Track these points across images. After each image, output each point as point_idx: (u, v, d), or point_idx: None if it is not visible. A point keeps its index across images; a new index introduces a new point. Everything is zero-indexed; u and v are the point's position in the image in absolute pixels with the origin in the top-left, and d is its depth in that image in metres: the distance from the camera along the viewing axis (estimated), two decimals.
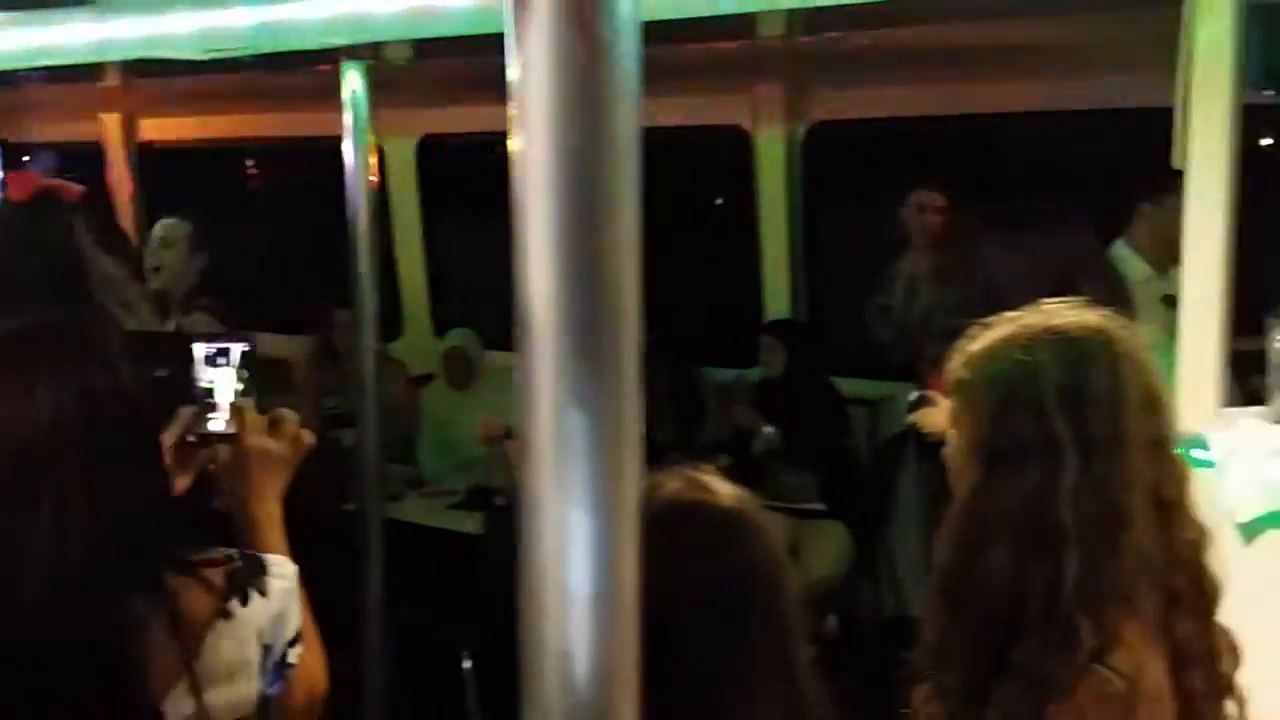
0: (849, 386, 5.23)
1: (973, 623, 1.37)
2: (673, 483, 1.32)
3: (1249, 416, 2.90)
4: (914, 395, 3.30)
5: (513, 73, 0.91)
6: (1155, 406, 1.42)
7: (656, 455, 1.48)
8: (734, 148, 5.56)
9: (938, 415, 2.43)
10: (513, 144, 0.91)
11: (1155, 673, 1.37)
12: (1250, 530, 2.71)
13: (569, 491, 0.94)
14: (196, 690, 1.38)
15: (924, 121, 5.33)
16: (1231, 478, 2.75)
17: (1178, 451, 1.50)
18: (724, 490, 1.31)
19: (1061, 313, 1.47)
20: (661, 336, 5.39)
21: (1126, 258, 3.82)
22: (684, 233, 6.21)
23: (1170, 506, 1.40)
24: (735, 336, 5.76)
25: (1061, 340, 1.42)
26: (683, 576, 1.21)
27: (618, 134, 0.91)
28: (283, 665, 1.54)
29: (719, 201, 6.05)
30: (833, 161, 5.59)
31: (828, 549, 5.03)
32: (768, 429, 5.04)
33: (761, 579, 1.25)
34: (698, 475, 1.34)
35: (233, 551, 1.54)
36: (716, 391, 5.52)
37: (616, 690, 0.98)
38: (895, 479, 4.97)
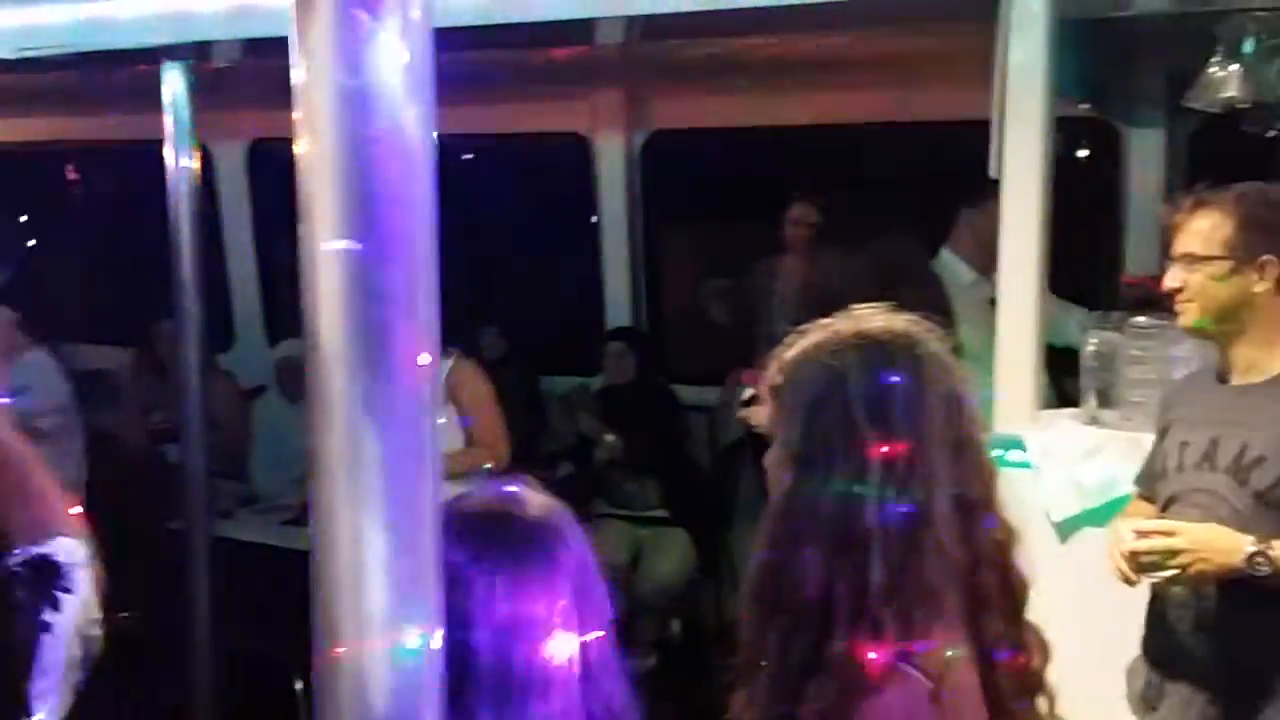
0: (689, 394, 5.28)
1: (786, 624, 1.38)
2: (481, 495, 1.30)
3: (1064, 418, 3.02)
4: (748, 392, 3.33)
5: (297, 74, 0.88)
6: (959, 408, 1.44)
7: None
8: (575, 155, 5.55)
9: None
10: (297, 148, 0.88)
11: (963, 671, 1.40)
12: (1065, 529, 2.81)
13: (362, 507, 0.91)
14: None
15: (764, 131, 5.41)
16: (1047, 478, 2.85)
17: (987, 452, 1.53)
18: (536, 501, 1.30)
19: (869, 318, 1.49)
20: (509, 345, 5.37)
21: (951, 263, 3.94)
22: (525, 240, 6.17)
23: (974, 507, 1.43)
24: (576, 344, 5.75)
25: (867, 345, 1.44)
26: (486, 590, 1.18)
27: (406, 137, 0.88)
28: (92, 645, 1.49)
29: (561, 209, 6.03)
30: (673, 169, 5.62)
31: (671, 555, 5.06)
32: (610, 437, 5.04)
33: (568, 590, 1.23)
34: (510, 487, 1.32)
35: (17, 560, 1.45)
36: (558, 400, 5.50)
37: (417, 710, 0.95)
38: (736, 484, 5.03)
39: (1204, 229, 2.36)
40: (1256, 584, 2.16)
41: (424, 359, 0.91)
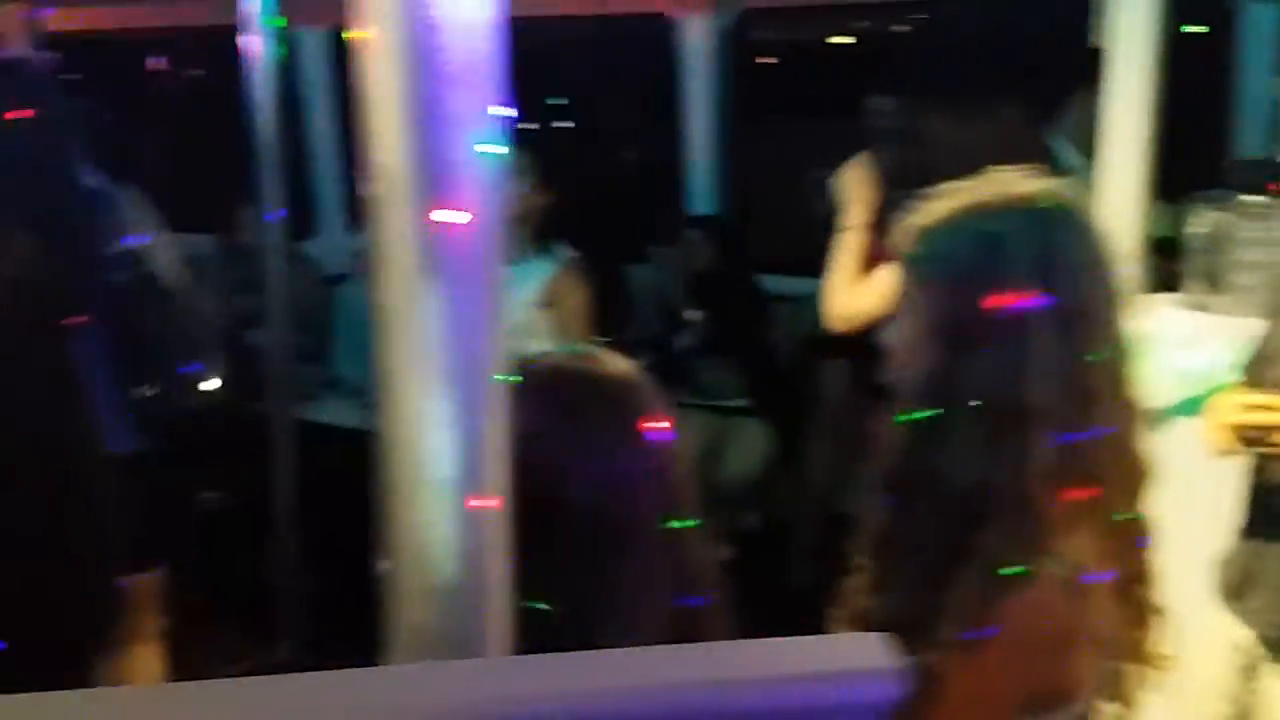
0: (770, 283, 5.19)
1: (928, 511, 1.27)
2: (558, 356, 1.26)
3: (1165, 304, 2.89)
4: None
5: None
6: (1107, 275, 1.34)
7: None
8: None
9: None
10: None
11: (1102, 557, 1.31)
12: (1163, 419, 2.70)
13: (426, 372, 0.87)
14: None
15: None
16: (1148, 366, 2.74)
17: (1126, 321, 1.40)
18: (614, 360, 1.24)
19: (1022, 181, 1.35)
20: (589, 240, 5.29)
21: (1063, 148, 3.74)
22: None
23: (1126, 385, 1.33)
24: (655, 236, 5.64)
25: (1030, 210, 1.31)
26: (578, 445, 1.13)
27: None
28: None
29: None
30: None
31: (750, 446, 5.02)
32: (692, 314, 4.99)
33: (655, 447, 1.17)
34: (587, 349, 1.27)
35: None
36: (641, 289, 5.44)
37: (484, 574, 0.91)
38: (817, 376, 4.95)
39: None
40: None
41: (486, 225, 0.87)
